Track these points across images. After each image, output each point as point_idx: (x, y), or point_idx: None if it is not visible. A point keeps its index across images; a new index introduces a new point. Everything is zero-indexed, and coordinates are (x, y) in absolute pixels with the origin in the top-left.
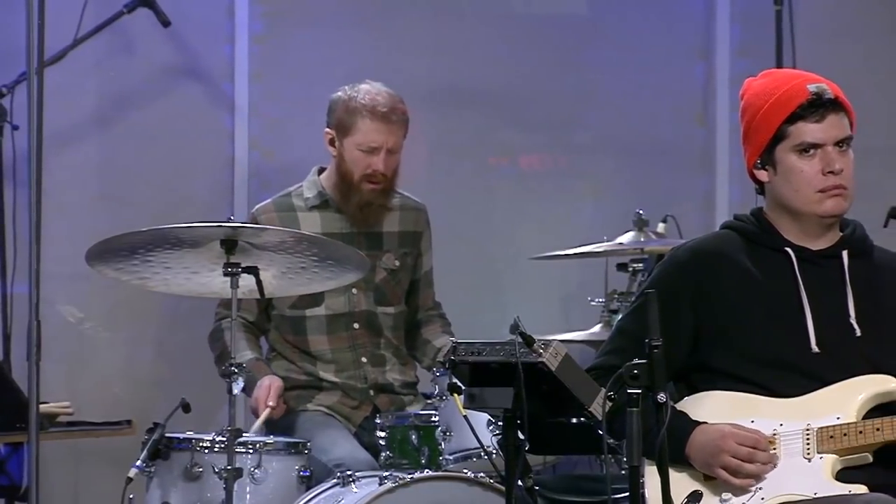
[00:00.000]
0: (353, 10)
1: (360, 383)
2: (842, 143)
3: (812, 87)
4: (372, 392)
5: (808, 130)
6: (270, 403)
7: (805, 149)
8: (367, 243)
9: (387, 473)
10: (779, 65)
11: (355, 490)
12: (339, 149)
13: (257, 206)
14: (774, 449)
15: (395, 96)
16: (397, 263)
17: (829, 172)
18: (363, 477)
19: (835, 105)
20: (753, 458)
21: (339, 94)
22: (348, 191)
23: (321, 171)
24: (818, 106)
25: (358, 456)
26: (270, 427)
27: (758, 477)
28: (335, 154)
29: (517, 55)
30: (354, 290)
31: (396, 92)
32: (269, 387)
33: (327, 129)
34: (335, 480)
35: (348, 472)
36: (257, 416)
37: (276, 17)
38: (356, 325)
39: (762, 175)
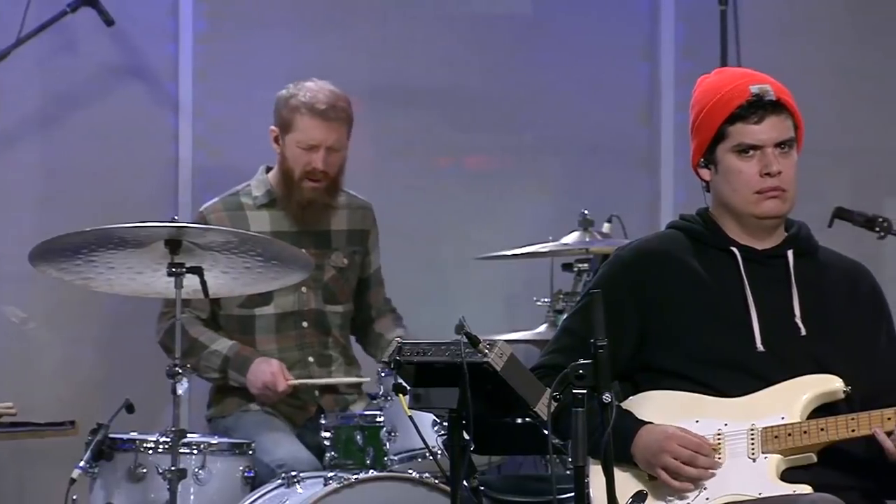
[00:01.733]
0: (298, 9)
1: None
2: (783, 144)
3: (754, 88)
4: (317, 392)
5: (747, 131)
6: (290, 381)
7: (744, 149)
8: (315, 242)
9: (332, 474)
10: (723, 64)
11: (300, 491)
12: (282, 146)
13: (205, 206)
14: (718, 455)
15: (339, 94)
16: (345, 262)
17: (766, 174)
18: (308, 477)
19: (776, 107)
20: (694, 461)
21: (284, 91)
22: (290, 189)
23: (269, 169)
24: (758, 107)
25: (300, 456)
26: (212, 427)
27: (697, 482)
28: (279, 152)
29: (462, 55)
30: (304, 289)
31: (341, 90)
32: (275, 365)
33: (272, 127)
34: (280, 481)
35: (293, 473)
36: (268, 399)
37: (220, 17)
38: (305, 324)
39: (705, 174)
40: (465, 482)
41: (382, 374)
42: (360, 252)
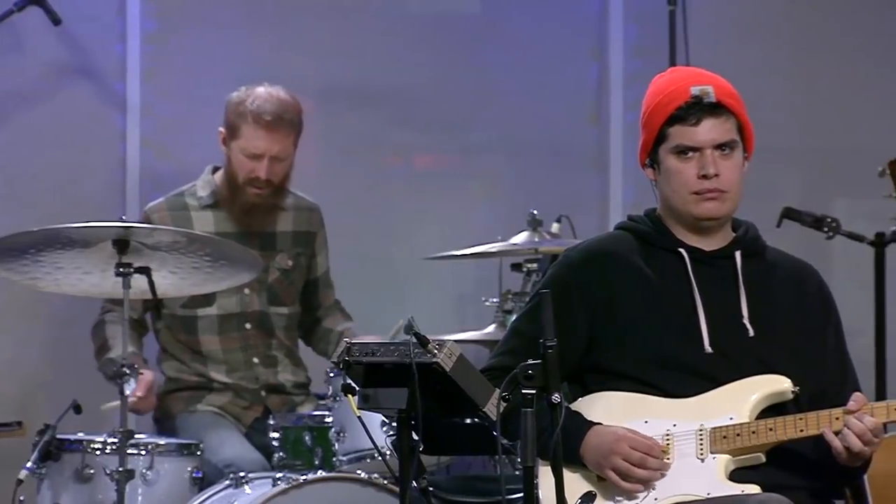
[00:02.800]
0: (247, 8)
1: (252, 384)
2: (723, 146)
3: (694, 90)
4: (263, 393)
5: (685, 133)
6: (139, 394)
7: (682, 151)
8: (259, 243)
9: (280, 474)
10: (672, 65)
11: (248, 491)
12: (228, 150)
13: (149, 205)
14: (668, 455)
15: (288, 102)
16: (290, 263)
17: (703, 176)
18: (256, 478)
19: (716, 109)
20: (644, 463)
21: (235, 94)
22: (234, 193)
23: (216, 169)
24: (697, 109)
25: (248, 456)
26: (159, 428)
27: (647, 483)
28: (225, 154)
29: (411, 55)
30: (247, 291)
31: (290, 90)
32: (141, 378)
33: (220, 129)
34: (228, 482)
35: (241, 474)
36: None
37: (169, 16)
38: (248, 326)
39: (650, 173)
40: (413, 483)
41: (331, 375)
42: (306, 254)
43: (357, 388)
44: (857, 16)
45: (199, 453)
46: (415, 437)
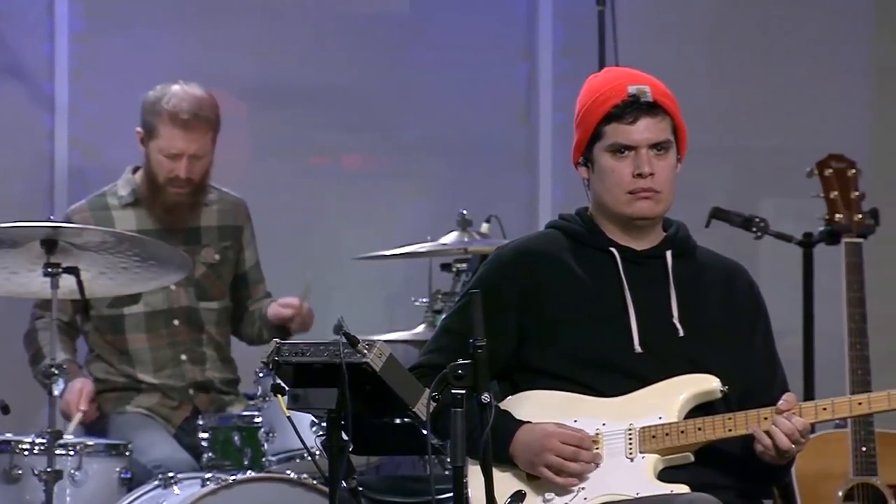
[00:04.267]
0: (175, 8)
1: (179, 382)
2: (658, 146)
3: (631, 89)
4: (191, 391)
5: (621, 132)
6: (82, 408)
7: (618, 149)
8: (184, 239)
9: (209, 475)
10: (601, 65)
11: (177, 492)
12: (147, 150)
13: (71, 207)
14: (598, 448)
15: (204, 99)
16: (217, 258)
17: (638, 175)
18: (185, 479)
19: (653, 108)
20: (577, 457)
21: (150, 94)
22: (155, 192)
23: (136, 169)
24: (634, 108)
25: (177, 457)
26: (88, 430)
27: (581, 476)
28: (144, 154)
29: (340, 54)
30: (173, 287)
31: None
32: (80, 390)
33: (138, 129)
34: (157, 482)
35: (170, 474)
36: (68, 419)
37: (97, 16)
38: (176, 322)
39: (583, 172)
40: (343, 483)
41: (261, 375)
42: (234, 248)
43: (286, 388)
44: (783, 17)
45: (127, 454)
46: (344, 437)
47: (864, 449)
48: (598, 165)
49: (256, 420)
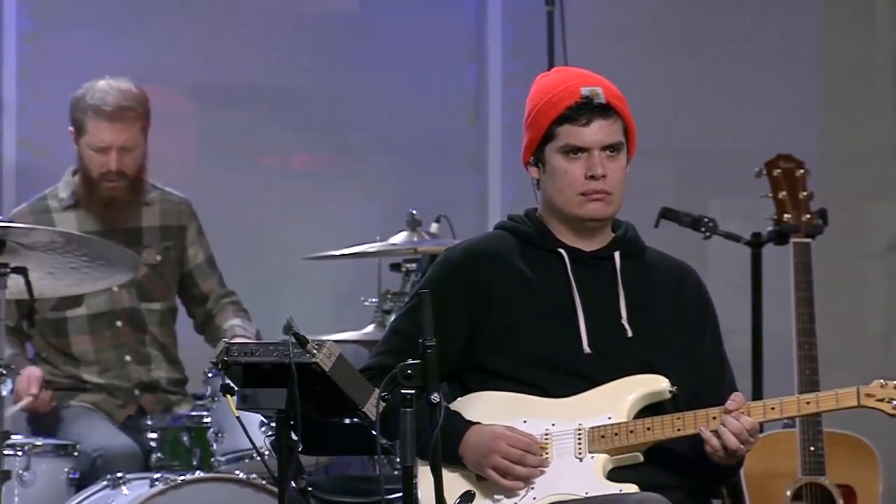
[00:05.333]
0: (124, 7)
1: (125, 383)
2: (610, 148)
3: (584, 91)
4: (137, 392)
5: (574, 133)
6: (33, 391)
7: (570, 151)
8: (125, 239)
9: (158, 475)
10: (550, 65)
11: (125, 492)
12: (79, 148)
13: (13, 211)
14: (546, 453)
15: (130, 91)
16: (159, 258)
17: (590, 177)
18: (134, 479)
19: (605, 110)
20: (524, 460)
21: (77, 91)
22: (91, 190)
23: (76, 171)
24: (587, 109)
25: (118, 441)
26: (33, 425)
27: (527, 480)
28: (77, 152)
29: (289, 54)
30: (115, 288)
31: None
32: (28, 377)
33: (70, 128)
34: (105, 482)
35: (119, 474)
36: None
37: (45, 15)
38: (119, 323)
39: (534, 172)
40: (292, 483)
41: (210, 375)
42: (177, 248)
43: (236, 389)
44: (731, 18)
45: (76, 454)
46: (294, 437)
47: (812, 448)
48: (549, 166)
49: (205, 420)
